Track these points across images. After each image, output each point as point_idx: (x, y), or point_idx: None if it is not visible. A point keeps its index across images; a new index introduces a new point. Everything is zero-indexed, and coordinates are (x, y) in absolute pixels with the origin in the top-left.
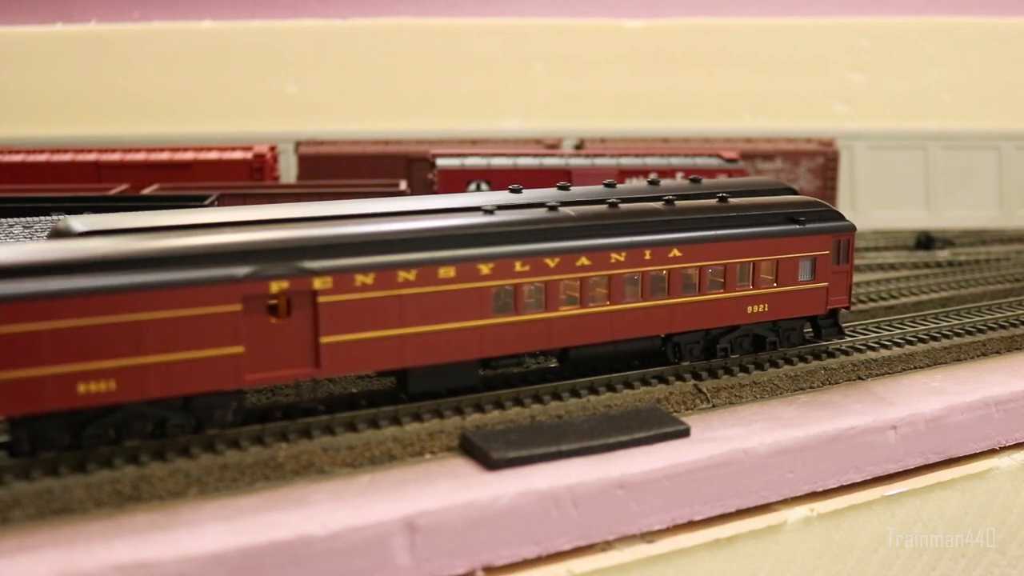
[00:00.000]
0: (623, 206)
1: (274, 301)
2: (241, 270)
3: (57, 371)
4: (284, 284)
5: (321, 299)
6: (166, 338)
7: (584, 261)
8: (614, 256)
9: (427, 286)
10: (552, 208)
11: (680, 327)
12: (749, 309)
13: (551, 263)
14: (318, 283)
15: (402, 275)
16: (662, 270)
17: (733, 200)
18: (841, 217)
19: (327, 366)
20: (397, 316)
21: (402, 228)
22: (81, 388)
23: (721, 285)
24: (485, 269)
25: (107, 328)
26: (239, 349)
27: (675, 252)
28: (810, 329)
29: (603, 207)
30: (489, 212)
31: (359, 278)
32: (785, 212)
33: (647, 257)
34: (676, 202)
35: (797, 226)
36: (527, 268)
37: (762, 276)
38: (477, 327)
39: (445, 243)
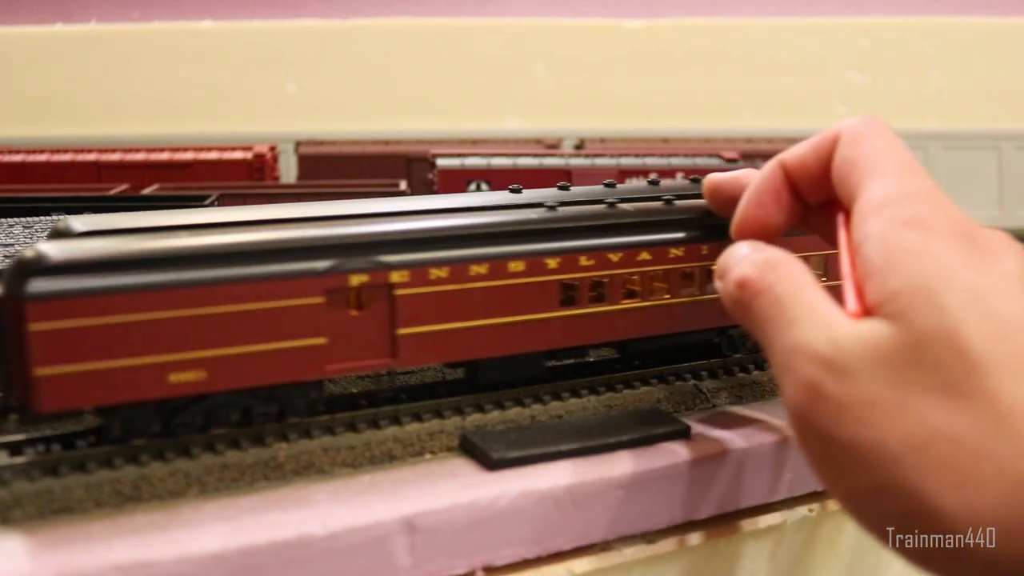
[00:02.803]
0: (678, 202)
1: (354, 294)
2: (322, 264)
3: (151, 361)
4: (364, 278)
5: (398, 292)
6: (253, 329)
7: (645, 256)
8: (673, 251)
9: (498, 280)
10: (611, 204)
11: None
12: None
13: (614, 258)
14: (395, 276)
15: (474, 269)
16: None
17: None
18: None
19: (403, 357)
20: (469, 309)
21: (474, 223)
22: (173, 378)
23: None
24: (552, 263)
25: (198, 319)
26: (321, 340)
27: None
28: None
29: (659, 203)
30: (552, 208)
31: (434, 272)
32: None
33: (704, 252)
34: None
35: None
36: (592, 262)
37: (815, 271)
38: (544, 319)
39: (515, 238)
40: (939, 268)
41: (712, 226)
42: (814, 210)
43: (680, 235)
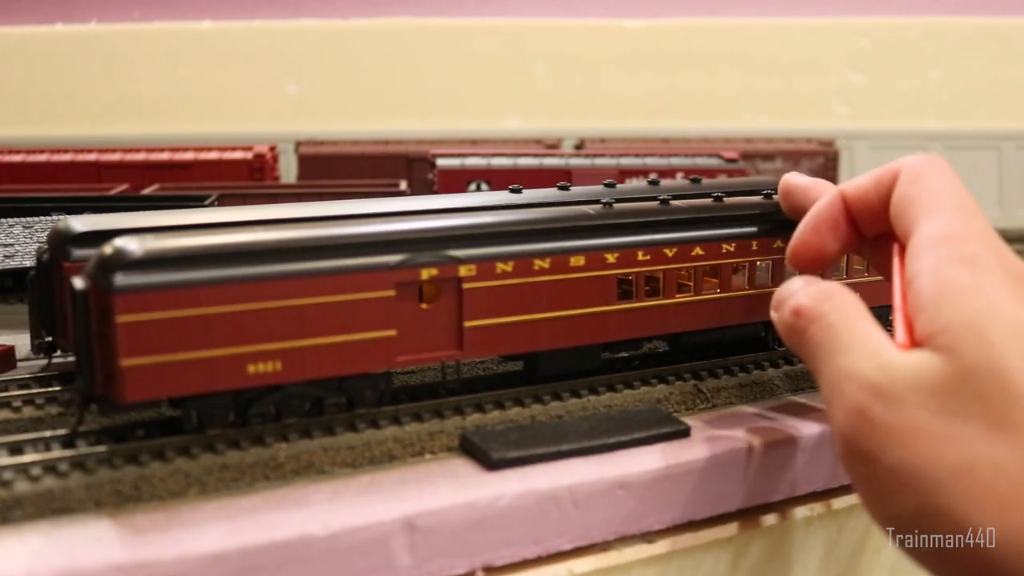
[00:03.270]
0: (728, 200)
1: (424, 287)
2: (394, 258)
3: (231, 352)
4: (433, 271)
5: (466, 285)
6: (327, 322)
7: (698, 251)
8: (725, 247)
9: (559, 274)
10: (664, 201)
11: None
12: None
13: (669, 252)
14: (463, 270)
15: (537, 263)
16: (767, 260)
17: None
18: None
19: (469, 349)
20: (532, 302)
21: (537, 217)
22: (251, 369)
23: (819, 275)
24: (611, 258)
25: (276, 312)
26: (392, 332)
27: (779, 243)
28: None
29: (709, 200)
30: (609, 204)
31: (500, 266)
32: None
33: (754, 248)
34: (773, 196)
35: None
36: (648, 257)
37: (855, 267)
38: (602, 313)
39: (575, 233)
40: (989, 305)
41: (760, 222)
42: (868, 241)
43: (730, 231)
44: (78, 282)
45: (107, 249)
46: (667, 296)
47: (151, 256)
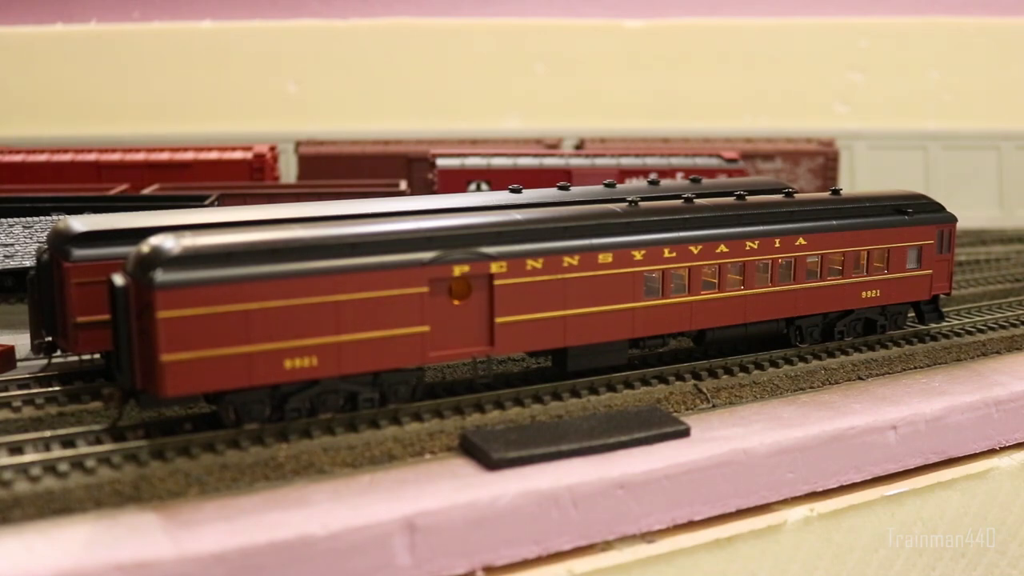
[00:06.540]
0: (751, 198)
1: (456, 284)
2: (427, 255)
3: (268, 347)
4: (465, 268)
5: (497, 282)
6: (362, 318)
7: (723, 248)
8: (748, 244)
9: (588, 271)
10: (688, 200)
11: (803, 311)
12: (863, 294)
13: (695, 250)
14: (495, 267)
15: (567, 260)
16: (790, 257)
17: (844, 193)
18: (943, 209)
19: (500, 345)
20: (561, 298)
21: (565, 214)
22: (287, 364)
23: (839, 272)
24: (638, 255)
25: (311, 308)
26: (425, 328)
27: (801, 241)
28: (912, 314)
29: (732, 199)
30: (634, 203)
31: (530, 263)
32: (893, 204)
33: (777, 245)
34: (795, 195)
35: (906, 217)
36: (674, 254)
37: (875, 264)
38: (629, 309)
39: (602, 231)
40: None
41: (783, 220)
42: None
43: (754, 229)
44: (118, 279)
45: (145, 247)
46: (693, 293)
47: (190, 253)
